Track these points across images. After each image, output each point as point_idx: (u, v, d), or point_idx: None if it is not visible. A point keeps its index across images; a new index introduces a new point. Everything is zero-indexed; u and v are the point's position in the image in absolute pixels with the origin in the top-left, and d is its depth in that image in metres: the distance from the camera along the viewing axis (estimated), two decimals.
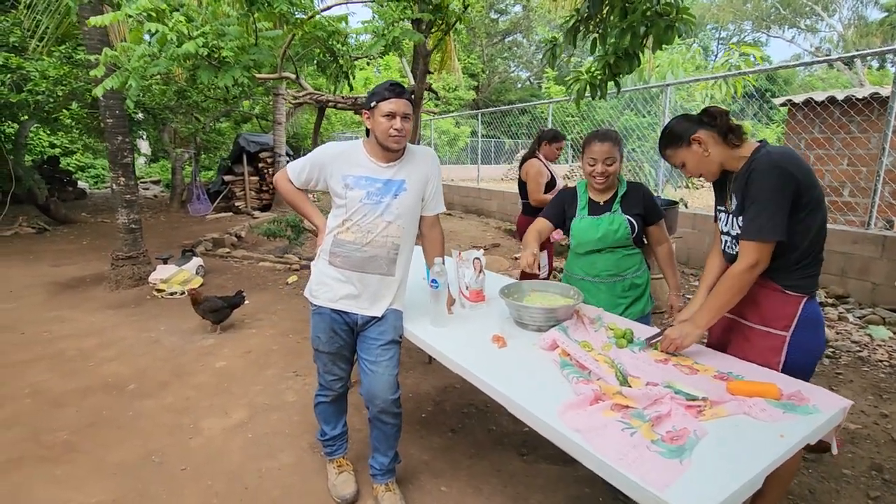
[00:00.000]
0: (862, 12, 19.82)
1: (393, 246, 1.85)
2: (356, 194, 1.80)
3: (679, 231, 4.50)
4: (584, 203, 2.17)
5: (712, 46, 25.35)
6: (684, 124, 1.62)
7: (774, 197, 1.43)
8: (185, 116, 9.45)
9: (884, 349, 3.30)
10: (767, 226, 1.44)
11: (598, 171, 2.04)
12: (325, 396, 2.06)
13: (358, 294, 1.85)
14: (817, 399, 1.31)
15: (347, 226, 1.83)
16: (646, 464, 1.08)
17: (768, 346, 1.55)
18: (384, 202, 1.81)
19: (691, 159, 1.62)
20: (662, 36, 2.57)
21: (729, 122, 1.58)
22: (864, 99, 4.92)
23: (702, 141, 1.58)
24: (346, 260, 1.84)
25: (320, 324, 1.91)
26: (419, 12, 3.17)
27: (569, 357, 1.60)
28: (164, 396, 2.91)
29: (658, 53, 9.68)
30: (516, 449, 2.33)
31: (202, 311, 3.82)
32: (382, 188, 1.81)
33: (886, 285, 3.91)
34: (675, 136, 1.64)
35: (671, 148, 1.66)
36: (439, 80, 17.16)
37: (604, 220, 2.09)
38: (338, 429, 2.12)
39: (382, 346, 1.86)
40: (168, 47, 3.02)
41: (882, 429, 2.44)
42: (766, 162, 1.46)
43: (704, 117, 1.60)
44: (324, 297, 1.88)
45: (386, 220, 1.82)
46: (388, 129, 1.73)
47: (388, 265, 1.86)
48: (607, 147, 2.03)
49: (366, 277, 1.85)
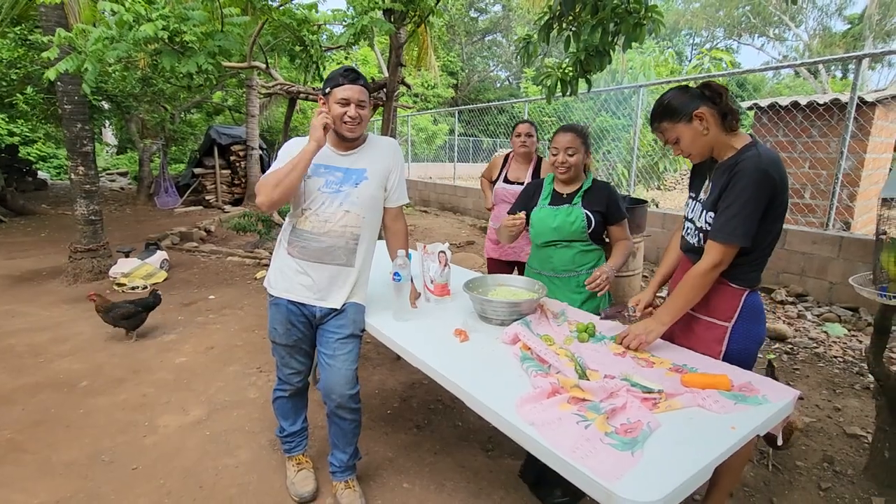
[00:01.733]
0: (827, 23, 20.59)
1: (352, 236, 1.81)
2: (314, 182, 1.76)
3: (648, 230, 4.57)
4: (547, 193, 2.20)
5: (686, 51, 25.94)
6: (684, 97, 1.49)
7: (752, 203, 1.40)
8: (151, 105, 9.13)
9: (838, 346, 3.42)
10: (739, 231, 1.41)
11: (560, 160, 2.08)
12: (282, 391, 2.01)
13: (315, 285, 1.81)
14: (766, 390, 1.33)
15: (306, 215, 1.78)
16: (598, 456, 1.07)
17: (712, 336, 1.57)
18: (343, 191, 1.77)
19: (688, 136, 1.50)
20: (632, 34, 2.59)
21: (730, 103, 1.48)
22: (825, 104, 5.08)
23: (703, 117, 1.46)
24: (303, 250, 1.80)
25: (277, 315, 1.86)
26: (391, 2, 3.12)
27: (529, 351, 1.59)
28: (118, 393, 2.80)
29: (631, 55, 9.83)
30: (481, 445, 2.31)
31: (112, 318, 3.42)
32: (342, 177, 1.77)
33: (842, 284, 4.05)
34: (674, 110, 1.50)
35: (668, 121, 1.51)
36: (417, 76, 17.09)
37: (562, 210, 2.11)
38: (297, 425, 2.06)
39: (341, 340, 1.82)
40: (128, 30, 2.90)
41: (835, 422, 2.51)
42: (755, 165, 1.40)
43: (707, 91, 1.48)
44: (280, 287, 1.84)
45: (344, 209, 1.77)
46: (341, 116, 1.69)
47: (348, 256, 1.81)
48: (570, 137, 2.06)
49: (324, 268, 1.80)
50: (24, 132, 12.22)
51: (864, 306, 3.90)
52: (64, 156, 15.22)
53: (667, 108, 1.52)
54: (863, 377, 2.97)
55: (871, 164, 5.31)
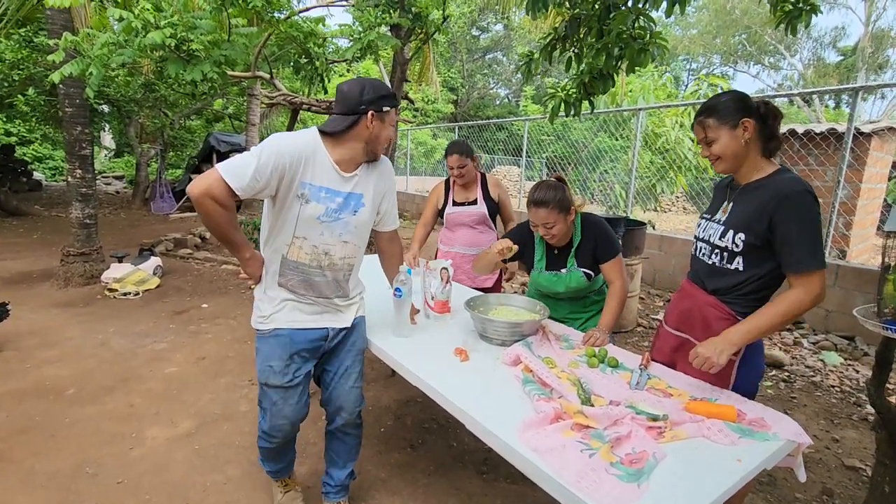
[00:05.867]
0: (821, 54, 21.07)
1: (349, 267, 1.69)
2: (313, 209, 1.52)
3: (646, 252, 4.59)
4: (541, 254, 2.13)
5: (683, 77, 26.40)
6: (740, 103, 1.45)
7: (819, 226, 1.37)
8: (152, 111, 9.14)
9: (835, 375, 3.41)
10: (822, 254, 1.38)
11: (542, 233, 1.97)
12: (267, 443, 1.75)
13: (323, 310, 1.68)
14: (779, 427, 1.30)
15: (300, 245, 1.56)
16: (603, 487, 1.05)
17: (721, 369, 1.55)
18: (342, 219, 1.58)
19: (727, 141, 1.45)
20: (636, 58, 2.61)
21: (777, 130, 1.47)
22: (821, 133, 5.15)
23: (749, 128, 1.43)
24: (302, 284, 1.61)
25: (276, 348, 1.61)
26: (398, 18, 3.15)
27: (531, 374, 1.57)
28: (106, 402, 2.73)
29: (630, 78, 9.97)
30: (476, 466, 2.27)
31: None
32: (342, 203, 1.56)
33: (839, 312, 4.06)
34: (728, 112, 1.45)
35: (716, 119, 1.46)
36: (419, 91, 17.25)
37: (562, 277, 2.07)
38: (283, 462, 1.89)
39: (354, 356, 1.77)
40: (135, 37, 2.90)
41: (833, 454, 2.49)
42: (803, 187, 1.37)
43: (763, 107, 1.45)
44: (281, 318, 1.62)
45: (343, 239, 1.61)
46: (389, 139, 1.59)
47: (344, 286, 1.70)
48: (543, 213, 1.90)
49: (327, 300, 1.68)
50: (21, 132, 12.17)
51: (861, 335, 3.90)
52: (60, 157, 15.21)
53: (719, 107, 1.47)
54: (860, 408, 2.96)
55: (867, 193, 5.38)
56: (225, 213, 1.45)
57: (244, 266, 1.61)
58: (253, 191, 1.42)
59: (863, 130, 5.08)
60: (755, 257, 1.46)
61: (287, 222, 1.53)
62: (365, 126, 1.52)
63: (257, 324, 1.65)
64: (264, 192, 1.46)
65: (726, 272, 1.53)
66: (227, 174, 1.40)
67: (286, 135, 1.49)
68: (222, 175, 1.39)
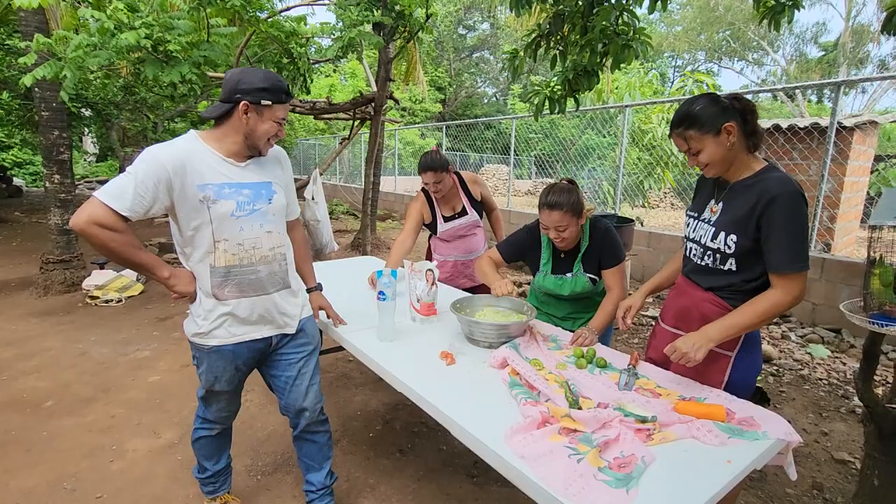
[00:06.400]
0: (803, 50, 21.37)
1: (282, 257, 1.63)
2: (224, 207, 1.46)
3: (634, 248, 4.59)
4: (547, 258, 2.09)
5: (669, 73, 26.61)
6: (716, 108, 1.41)
7: (806, 226, 1.36)
8: (133, 114, 8.97)
9: (822, 368, 3.43)
10: (804, 255, 1.37)
11: (553, 236, 1.94)
12: (209, 430, 1.78)
13: (266, 317, 1.61)
14: (769, 426, 1.28)
15: (224, 248, 1.49)
16: (591, 494, 1.02)
17: (715, 366, 1.53)
18: (259, 209, 1.53)
19: (714, 148, 1.42)
20: (620, 55, 2.60)
21: (756, 125, 1.44)
22: (805, 128, 5.19)
23: (732, 131, 1.40)
24: (238, 287, 1.54)
25: (218, 363, 1.60)
26: (380, 16, 3.11)
27: (518, 377, 1.54)
28: (86, 414, 2.66)
29: (616, 76, 10.01)
30: (466, 470, 2.24)
31: None
32: (251, 194, 1.52)
33: (825, 305, 4.09)
34: (706, 119, 1.41)
35: (696, 129, 1.42)
36: (406, 91, 17.17)
37: (567, 282, 2.05)
38: (221, 462, 1.87)
39: (305, 358, 1.74)
40: (110, 38, 2.83)
41: (822, 447, 2.49)
42: (791, 189, 1.35)
43: (737, 103, 1.42)
44: (221, 335, 1.56)
45: (266, 230, 1.56)
46: (271, 134, 1.51)
47: (284, 277, 1.65)
48: (556, 216, 1.86)
49: (268, 298, 1.60)
50: None
51: (847, 328, 3.93)
52: (40, 162, 14.87)
53: (696, 116, 1.42)
54: (848, 400, 2.97)
55: (850, 186, 5.44)
56: (119, 236, 1.36)
57: (169, 286, 1.52)
58: (142, 208, 1.37)
59: (845, 124, 5.12)
60: (748, 258, 1.45)
61: (201, 230, 1.47)
62: (238, 117, 1.45)
63: (196, 338, 1.57)
64: (155, 208, 1.40)
65: (720, 272, 1.51)
66: (106, 198, 1.33)
67: (161, 146, 1.43)
68: (102, 200, 1.33)
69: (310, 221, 5.35)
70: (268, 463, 2.27)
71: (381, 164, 7.42)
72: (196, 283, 1.54)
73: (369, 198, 6.84)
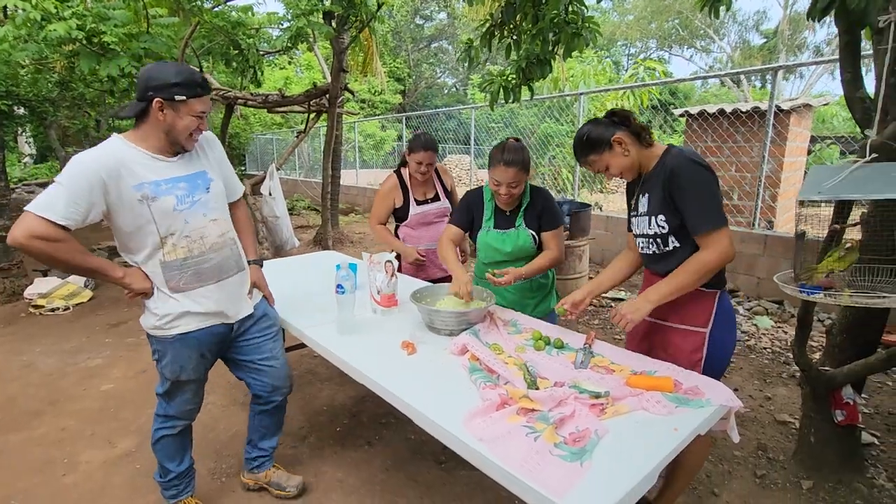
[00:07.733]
0: (746, 37, 22.33)
1: (232, 241, 1.69)
2: (165, 203, 1.48)
3: (592, 233, 4.72)
4: (490, 213, 2.14)
5: (622, 61, 27.25)
6: (600, 129, 1.59)
7: (711, 187, 1.47)
8: (72, 111, 8.45)
9: (767, 337, 3.65)
10: (718, 212, 1.46)
11: (503, 192, 1.98)
12: (171, 429, 1.77)
13: (225, 301, 1.67)
14: (712, 394, 1.36)
15: (172, 242, 1.52)
16: (547, 469, 1.06)
17: (690, 345, 1.60)
18: (199, 200, 1.56)
19: (614, 161, 1.60)
20: (571, 43, 2.65)
21: (638, 122, 1.60)
22: (747, 112, 5.45)
23: (622, 141, 1.57)
24: (194, 277, 1.58)
25: (183, 352, 1.62)
26: (330, 5, 3.04)
27: (478, 362, 1.57)
28: (35, 428, 2.53)
29: (571, 63, 10.18)
30: (435, 457, 2.27)
31: None
32: (188, 187, 1.54)
33: (768, 279, 4.33)
34: (596, 142, 1.59)
35: (594, 153, 1.61)
36: (364, 82, 16.89)
37: (510, 235, 2.09)
38: (184, 463, 1.86)
39: (271, 339, 1.82)
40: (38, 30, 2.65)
41: (766, 411, 2.66)
42: (685, 158, 1.49)
43: (615, 118, 1.60)
44: (184, 324, 1.60)
45: (210, 218, 1.60)
46: (192, 129, 1.50)
47: (237, 260, 1.71)
48: (512, 173, 1.92)
49: (224, 284, 1.66)
50: None
51: (788, 299, 4.19)
52: None
53: (589, 142, 1.61)
54: (789, 366, 3.18)
55: (789, 166, 5.75)
56: (62, 245, 1.37)
57: (125, 286, 1.54)
58: (79, 216, 1.37)
59: (783, 108, 5.41)
60: (683, 230, 1.54)
61: (145, 229, 1.49)
62: (155, 115, 1.44)
63: (157, 331, 1.60)
64: (93, 215, 1.40)
65: (668, 254, 1.60)
66: (39, 210, 1.33)
67: (87, 152, 1.43)
68: (36, 213, 1.33)
69: (268, 218, 5.22)
70: (232, 465, 2.23)
71: (340, 157, 7.29)
72: (149, 281, 1.57)
73: (328, 192, 6.73)
